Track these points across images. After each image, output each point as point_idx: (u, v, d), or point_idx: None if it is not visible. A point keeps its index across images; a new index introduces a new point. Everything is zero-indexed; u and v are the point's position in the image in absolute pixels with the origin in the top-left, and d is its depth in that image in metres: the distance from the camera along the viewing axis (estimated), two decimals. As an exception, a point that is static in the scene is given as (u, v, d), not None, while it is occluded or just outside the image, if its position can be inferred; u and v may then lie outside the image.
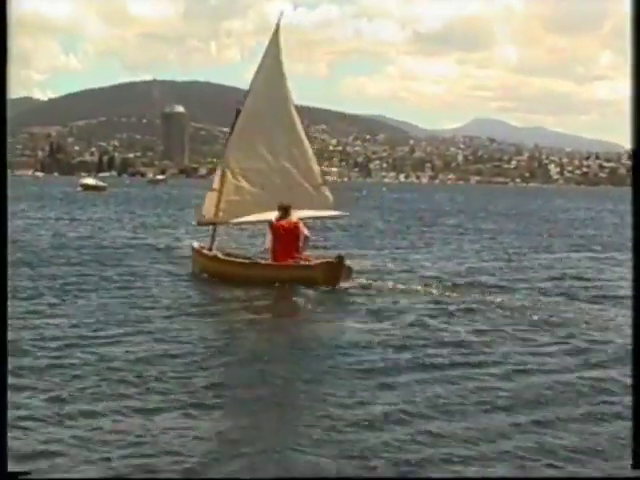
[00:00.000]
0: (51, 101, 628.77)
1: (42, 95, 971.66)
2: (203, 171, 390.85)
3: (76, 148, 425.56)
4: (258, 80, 21.63)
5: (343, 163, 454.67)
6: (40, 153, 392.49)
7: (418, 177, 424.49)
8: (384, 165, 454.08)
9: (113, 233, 35.70)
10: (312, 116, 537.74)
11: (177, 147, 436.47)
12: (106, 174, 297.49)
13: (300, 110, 22.24)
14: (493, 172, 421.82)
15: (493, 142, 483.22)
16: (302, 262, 18.23)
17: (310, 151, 21.54)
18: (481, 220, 55.46)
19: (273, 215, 18.86)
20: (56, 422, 8.36)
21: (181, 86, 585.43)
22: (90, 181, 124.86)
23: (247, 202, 20.43)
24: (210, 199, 21.33)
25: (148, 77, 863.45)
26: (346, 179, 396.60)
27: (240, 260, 19.85)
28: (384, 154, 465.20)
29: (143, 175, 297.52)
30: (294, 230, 18.39)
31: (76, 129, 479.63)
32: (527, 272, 23.14)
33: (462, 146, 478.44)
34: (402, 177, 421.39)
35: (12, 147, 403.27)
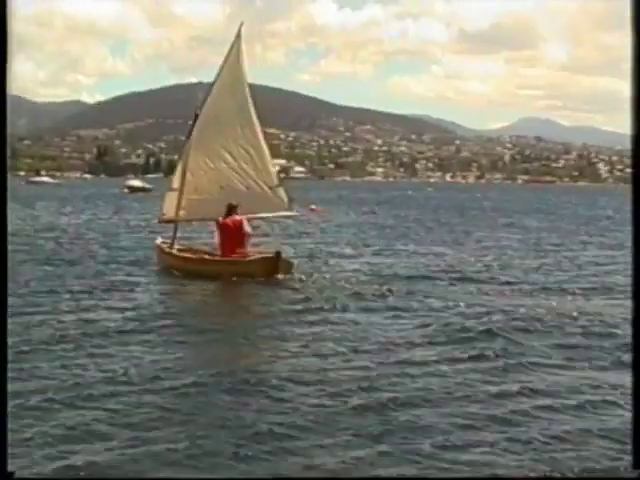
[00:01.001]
0: (99, 104, 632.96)
1: (90, 98, 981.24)
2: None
3: (123, 150, 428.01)
4: (217, 84, 22.97)
5: (388, 163, 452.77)
6: (88, 156, 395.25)
7: (464, 177, 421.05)
8: (430, 165, 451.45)
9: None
10: (357, 116, 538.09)
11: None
12: (153, 176, 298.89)
13: (259, 115, 23.62)
14: (541, 171, 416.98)
15: (540, 141, 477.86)
16: (244, 257, 20.03)
17: (267, 153, 22.95)
18: (498, 216, 55.93)
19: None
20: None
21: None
22: (136, 183, 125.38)
23: (206, 201, 21.62)
24: (170, 198, 22.77)
25: (194, 79, 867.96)
26: (391, 179, 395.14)
27: (190, 255, 21.76)
28: (430, 154, 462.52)
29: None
30: (238, 227, 20.16)
31: (123, 132, 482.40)
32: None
33: (509, 145, 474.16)
34: (448, 177, 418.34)
35: (60, 150, 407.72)
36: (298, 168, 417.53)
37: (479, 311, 16.60)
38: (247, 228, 20.48)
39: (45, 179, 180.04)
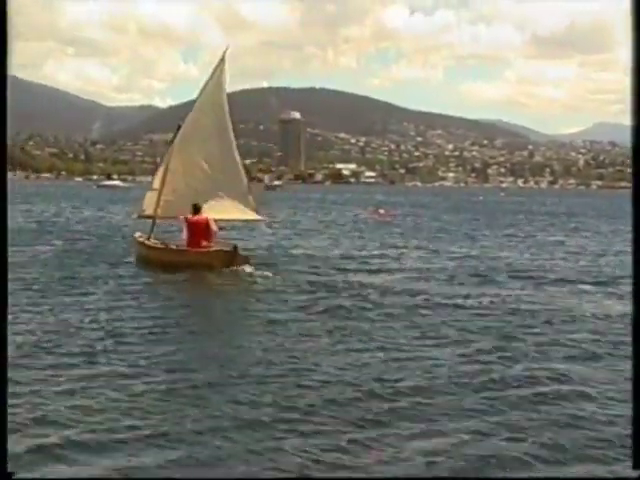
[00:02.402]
0: (171, 108, 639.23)
1: (162, 103, 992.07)
2: (319, 177, 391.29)
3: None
4: (200, 101, 25.68)
5: (460, 168, 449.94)
6: (160, 159, 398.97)
7: (537, 182, 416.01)
8: (502, 170, 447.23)
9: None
10: (429, 121, 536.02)
11: (293, 153, 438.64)
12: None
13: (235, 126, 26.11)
14: (615, 177, 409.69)
15: (615, 146, 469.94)
16: (205, 250, 22.46)
17: (240, 164, 25.72)
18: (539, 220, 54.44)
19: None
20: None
21: (297, 92, 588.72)
22: None
23: (182, 202, 23.76)
24: (150, 197, 25.60)
25: (265, 84, 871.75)
26: (462, 184, 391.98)
27: (159, 247, 24.25)
28: (502, 159, 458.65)
29: (260, 181, 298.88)
30: (203, 225, 22.68)
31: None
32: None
33: (583, 150, 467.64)
34: (520, 182, 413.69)
35: (133, 154, 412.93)
36: (369, 173, 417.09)
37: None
38: (213, 226, 22.87)
39: (116, 183, 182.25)
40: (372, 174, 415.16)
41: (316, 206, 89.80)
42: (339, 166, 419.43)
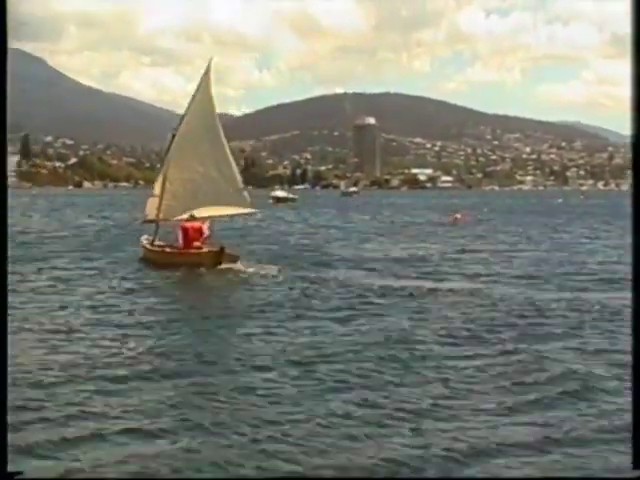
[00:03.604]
0: (246, 116, 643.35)
1: (237, 111, 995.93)
2: (395, 182, 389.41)
3: (270, 162, 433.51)
4: (190, 110, 28.03)
5: (538, 171, 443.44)
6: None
7: (618, 184, 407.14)
8: (581, 173, 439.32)
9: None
10: (505, 124, 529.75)
11: (368, 159, 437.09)
12: (300, 187, 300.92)
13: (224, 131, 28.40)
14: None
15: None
16: (196, 251, 25.50)
17: (233, 162, 28.19)
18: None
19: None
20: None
21: (372, 98, 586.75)
22: (280, 193, 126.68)
23: (181, 205, 26.87)
24: (152, 203, 28.19)
25: (340, 90, 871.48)
26: (541, 187, 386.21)
27: (157, 249, 27.10)
28: (581, 161, 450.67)
29: (336, 187, 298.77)
30: (196, 230, 25.78)
31: (270, 143, 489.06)
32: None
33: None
34: (600, 185, 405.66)
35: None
36: (445, 177, 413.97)
37: None
38: (206, 231, 25.90)
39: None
40: (449, 179, 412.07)
41: (392, 211, 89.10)
42: (415, 171, 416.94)
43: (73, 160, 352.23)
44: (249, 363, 12.39)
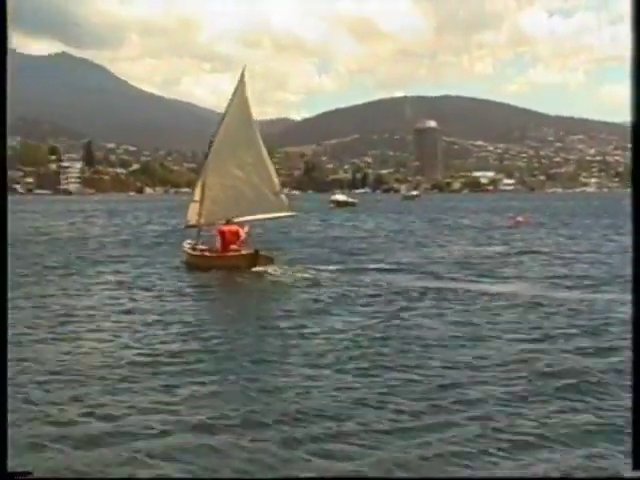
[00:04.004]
0: (306, 121, 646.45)
1: (297, 115, 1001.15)
2: (456, 185, 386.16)
3: (330, 166, 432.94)
4: (227, 116, 28.95)
5: (602, 173, 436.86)
6: (296, 172, 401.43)
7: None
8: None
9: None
10: (568, 126, 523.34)
11: (429, 162, 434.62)
12: (360, 191, 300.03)
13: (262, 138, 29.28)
14: None
15: None
16: (235, 253, 26.29)
17: (271, 166, 28.85)
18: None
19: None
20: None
21: (433, 101, 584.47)
22: (340, 197, 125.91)
23: (221, 209, 27.81)
24: (193, 208, 29.33)
25: (400, 93, 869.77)
26: (605, 189, 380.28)
27: (196, 253, 27.91)
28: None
29: (396, 191, 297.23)
30: (233, 233, 26.64)
31: (330, 147, 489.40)
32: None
33: None
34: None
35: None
36: (507, 180, 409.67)
37: None
38: (242, 234, 26.69)
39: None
40: (511, 181, 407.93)
41: (454, 214, 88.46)
42: (476, 174, 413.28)
43: (135, 166, 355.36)
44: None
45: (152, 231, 52.95)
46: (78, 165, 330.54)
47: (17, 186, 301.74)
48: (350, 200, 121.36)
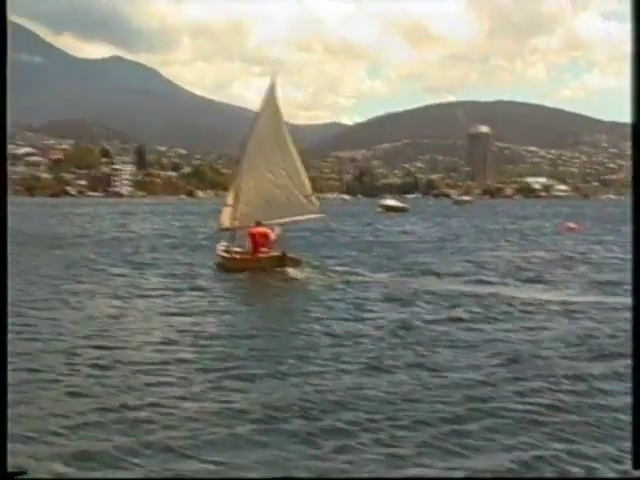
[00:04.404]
0: (357, 125, 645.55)
1: (348, 120, 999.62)
2: (508, 191, 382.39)
3: (380, 171, 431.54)
4: (259, 121, 29.55)
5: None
6: (346, 176, 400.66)
7: None
8: None
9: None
10: (623, 132, 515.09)
11: (481, 167, 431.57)
12: (411, 196, 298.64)
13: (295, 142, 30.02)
14: None
15: None
16: (262, 255, 27.05)
17: (303, 170, 29.35)
18: None
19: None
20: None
21: (485, 106, 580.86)
22: (390, 202, 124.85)
23: (254, 212, 28.50)
24: (226, 212, 30.12)
25: (451, 98, 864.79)
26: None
27: (227, 255, 28.55)
28: None
29: (447, 196, 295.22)
30: (263, 235, 27.35)
31: (381, 152, 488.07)
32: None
33: None
34: None
35: (320, 171, 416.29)
36: (560, 186, 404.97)
37: None
38: (271, 236, 27.39)
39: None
40: (564, 187, 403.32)
41: (506, 219, 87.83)
42: (529, 180, 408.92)
43: (186, 169, 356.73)
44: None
45: (202, 233, 52.56)
46: (130, 168, 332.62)
47: (69, 188, 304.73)
48: (400, 205, 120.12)
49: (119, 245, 41.48)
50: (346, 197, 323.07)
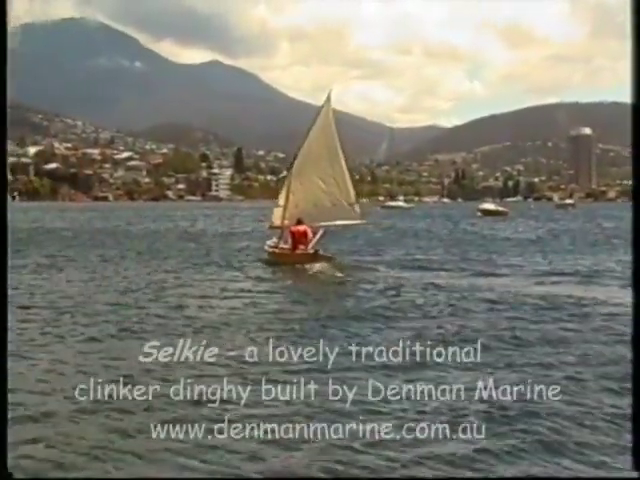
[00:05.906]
0: (456, 128, 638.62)
1: (447, 122, 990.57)
2: (612, 194, 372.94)
3: (480, 174, 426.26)
4: (312, 130, 31.78)
5: None
6: (446, 180, 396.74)
7: None
8: None
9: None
10: None
11: (584, 170, 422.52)
12: (512, 199, 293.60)
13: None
14: None
15: None
16: (299, 252, 29.66)
17: (349, 179, 31.83)
18: None
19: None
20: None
21: (587, 107, 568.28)
22: (489, 206, 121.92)
23: (303, 213, 30.60)
24: (277, 212, 32.34)
25: (553, 100, 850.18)
26: None
27: (271, 251, 31.51)
28: None
29: (549, 199, 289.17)
30: (301, 234, 29.78)
31: (480, 155, 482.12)
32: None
33: None
34: None
35: (418, 174, 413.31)
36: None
37: None
38: (310, 234, 29.81)
39: (400, 203, 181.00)
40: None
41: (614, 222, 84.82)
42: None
43: (284, 173, 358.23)
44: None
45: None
46: (228, 172, 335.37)
47: (169, 192, 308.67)
48: (500, 209, 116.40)
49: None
50: (445, 200, 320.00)
